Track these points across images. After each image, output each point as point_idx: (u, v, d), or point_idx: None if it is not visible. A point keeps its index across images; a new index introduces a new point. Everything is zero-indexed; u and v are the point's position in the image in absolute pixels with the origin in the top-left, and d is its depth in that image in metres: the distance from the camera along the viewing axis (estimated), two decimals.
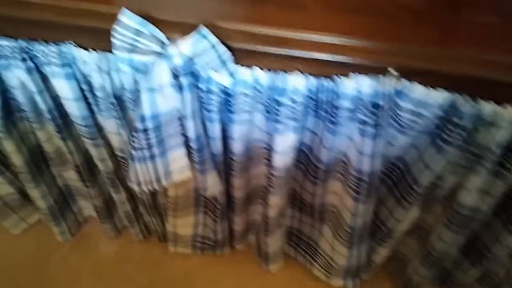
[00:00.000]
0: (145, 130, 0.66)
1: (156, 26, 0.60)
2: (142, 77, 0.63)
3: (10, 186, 1.04)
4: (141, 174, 0.72)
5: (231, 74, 0.63)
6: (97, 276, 1.12)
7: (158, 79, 0.62)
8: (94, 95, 0.72)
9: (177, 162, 0.74)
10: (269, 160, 0.77)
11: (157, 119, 0.66)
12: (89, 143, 0.81)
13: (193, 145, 0.72)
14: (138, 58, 0.62)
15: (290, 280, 1.13)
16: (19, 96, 0.74)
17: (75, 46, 0.66)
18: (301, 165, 0.80)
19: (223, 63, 0.62)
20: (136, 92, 0.67)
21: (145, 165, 0.71)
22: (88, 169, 0.92)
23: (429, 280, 0.96)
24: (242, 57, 0.62)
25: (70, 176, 0.97)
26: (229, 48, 0.61)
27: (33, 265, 1.13)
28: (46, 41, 0.66)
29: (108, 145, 0.84)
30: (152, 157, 0.70)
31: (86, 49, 0.66)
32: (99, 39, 0.65)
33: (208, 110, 0.68)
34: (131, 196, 0.99)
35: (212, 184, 0.81)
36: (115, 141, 0.81)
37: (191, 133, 0.70)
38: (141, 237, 1.15)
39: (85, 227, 1.21)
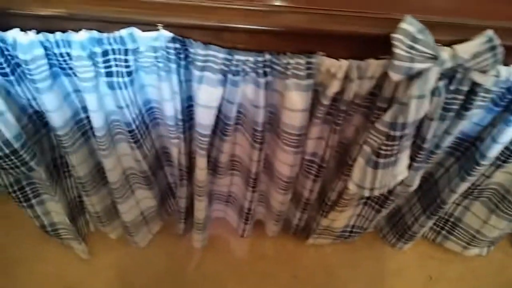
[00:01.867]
0: (401, 137, 0.65)
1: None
2: (413, 84, 0.61)
3: (154, 200, 0.97)
4: (378, 181, 0.70)
5: (496, 74, 0.62)
6: (239, 278, 1.10)
7: (429, 85, 0.60)
8: (321, 104, 0.68)
9: (402, 164, 0.73)
10: None
11: (410, 125, 0.64)
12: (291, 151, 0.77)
13: (425, 145, 0.71)
14: (417, 66, 0.59)
15: (421, 256, 1.18)
16: (231, 111, 0.69)
17: (325, 56, 0.61)
18: None
19: (495, 63, 0.60)
20: (392, 99, 0.65)
21: (386, 171, 0.69)
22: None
23: None
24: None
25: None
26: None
27: (171, 276, 1.09)
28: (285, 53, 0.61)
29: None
30: (394, 162, 0.69)
31: (336, 59, 0.62)
32: (352, 47, 0.61)
33: (468, 109, 0.67)
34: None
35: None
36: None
37: (429, 135, 0.69)
38: (276, 233, 1.13)
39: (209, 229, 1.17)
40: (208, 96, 0.64)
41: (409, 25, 0.56)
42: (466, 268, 1.16)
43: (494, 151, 0.76)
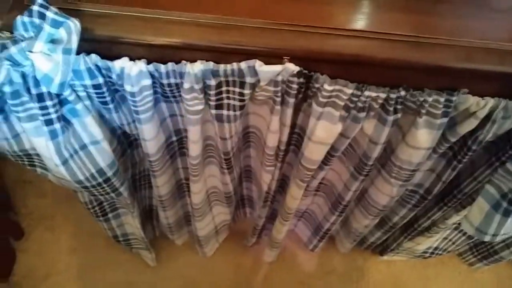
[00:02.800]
0: None
1: None
2: None
3: (229, 215, 0.92)
4: (504, 228, 0.63)
5: None
6: None
7: None
8: (446, 140, 0.60)
9: None
10: None
11: None
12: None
13: None
14: None
15: (499, 276, 1.11)
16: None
17: (469, 94, 0.53)
18: None
19: None
20: None
21: (508, 220, 0.62)
22: None
23: None
24: None
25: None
26: None
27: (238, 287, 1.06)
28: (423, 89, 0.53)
29: None
30: None
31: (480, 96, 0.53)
32: (501, 83, 0.52)
33: None
34: None
35: None
36: None
37: None
38: (349, 250, 1.07)
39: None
40: (325, 133, 0.57)
41: None
42: None
43: None
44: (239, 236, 1.09)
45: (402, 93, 0.53)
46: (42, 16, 0.44)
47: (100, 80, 0.52)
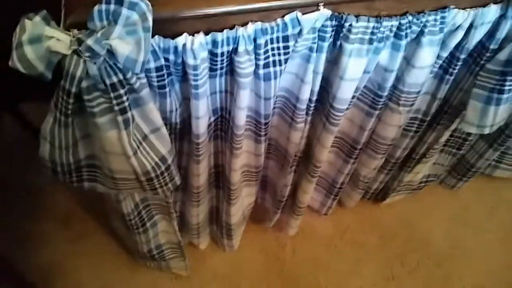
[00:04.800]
0: None
1: None
2: None
3: (254, 196, 0.97)
4: (498, 116, 0.77)
5: None
6: (333, 252, 1.13)
7: None
8: (439, 57, 0.73)
9: None
10: None
11: None
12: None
13: None
14: None
15: (476, 191, 1.28)
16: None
17: (456, 8, 0.66)
18: None
19: None
20: None
21: (506, 105, 0.76)
22: None
23: None
24: None
25: None
26: None
27: (272, 270, 1.09)
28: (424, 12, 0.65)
29: None
30: (510, 98, 0.76)
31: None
32: None
33: None
34: None
35: None
36: None
37: None
38: (356, 203, 1.17)
39: None
40: (355, 68, 0.66)
41: None
42: None
43: None
44: (255, 223, 1.14)
45: (410, 17, 0.64)
46: (119, 1, 0.47)
47: (162, 61, 0.56)
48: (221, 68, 0.62)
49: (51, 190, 1.15)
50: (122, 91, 0.53)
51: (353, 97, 0.74)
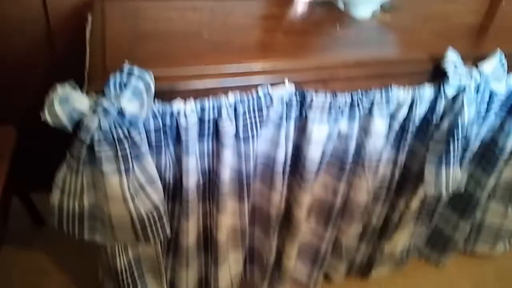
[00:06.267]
0: (460, 137, 0.86)
1: None
2: (462, 96, 0.83)
3: (241, 264, 1.03)
4: (451, 178, 0.89)
5: (506, 80, 0.89)
6: None
7: (472, 95, 0.84)
8: (392, 129, 0.88)
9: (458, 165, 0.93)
10: None
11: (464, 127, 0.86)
12: None
13: (469, 146, 0.93)
14: (463, 82, 0.82)
15: (460, 268, 1.33)
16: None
17: (396, 86, 0.83)
18: None
19: (504, 72, 0.87)
20: None
21: (455, 167, 0.89)
22: None
23: None
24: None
25: None
26: None
27: None
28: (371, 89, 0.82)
29: None
30: (457, 161, 0.89)
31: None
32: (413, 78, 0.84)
33: (488, 114, 0.91)
34: None
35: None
36: None
37: (473, 136, 0.92)
38: (342, 278, 1.21)
39: None
40: (319, 132, 0.80)
41: (452, 54, 0.81)
42: (499, 266, 1.34)
43: (510, 143, 1.00)
44: None
45: (360, 94, 0.81)
46: (130, 72, 0.64)
47: (160, 123, 0.70)
48: (208, 134, 0.76)
49: (49, 267, 1.20)
50: (126, 144, 0.66)
51: (322, 161, 0.87)
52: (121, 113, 0.64)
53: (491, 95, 0.91)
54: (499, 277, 1.31)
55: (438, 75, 0.84)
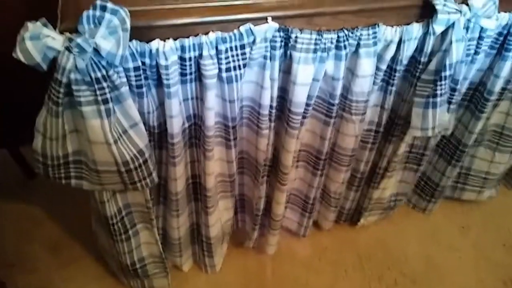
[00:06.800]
0: (447, 77, 0.85)
1: None
2: (451, 32, 0.81)
3: (232, 210, 1.04)
4: (437, 119, 0.89)
5: (497, 18, 0.87)
6: (313, 271, 1.17)
7: (462, 31, 0.82)
8: (379, 69, 0.87)
9: (446, 106, 0.92)
10: None
11: (453, 66, 0.85)
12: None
13: (457, 86, 0.92)
14: (452, 17, 0.80)
15: (448, 214, 1.35)
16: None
17: (383, 25, 0.81)
18: None
19: (494, 11, 0.85)
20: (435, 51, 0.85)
21: (442, 109, 0.88)
22: None
23: None
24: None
25: None
26: None
27: None
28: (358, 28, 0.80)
29: None
30: (445, 101, 0.88)
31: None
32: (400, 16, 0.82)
33: (477, 53, 0.90)
34: None
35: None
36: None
37: (461, 76, 0.90)
38: (331, 224, 1.23)
39: None
40: (305, 73, 0.79)
41: None
42: (485, 211, 1.36)
43: (498, 85, 0.99)
44: (237, 247, 1.19)
45: (346, 32, 0.78)
46: (103, 8, 0.61)
47: (139, 63, 0.68)
48: (190, 74, 0.74)
49: (41, 218, 1.21)
50: (104, 85, 0.64)
51: (309, 104, 0.86)
52: (97, 51, 0.61)
53: (480, 34, 0.89)
54: (485, 223, 1.34)
55: (427, 12, 0.81)
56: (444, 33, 0.83)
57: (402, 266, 1.21)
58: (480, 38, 0.89)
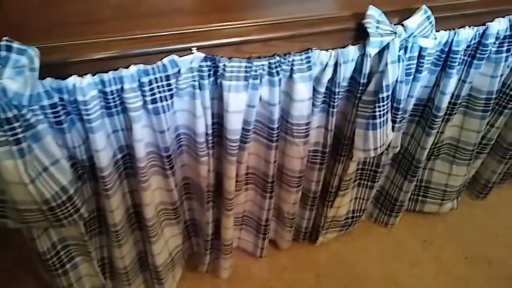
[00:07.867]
0: (387, 97, 0.83)
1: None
2: (386, 55, 0.80)
3: (180, 237, 1.01)
4: (378, 140, 0.87)
5: (435, 38, 0.86)
6: None
7: (396, 53, 0.81)
8: (318, 93, 0.85)
9: (389, 125, 0.91)
10: None
11: (390, 86, 0.84)
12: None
13: (400, 105, 0.90)
14: (385, 39, 0.79)
15: (410, 227, 1.34)
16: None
17: (317, 49, 0.79)
18: None
19: (432, 29, 0.84)
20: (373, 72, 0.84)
21: (383, 130, 0.87)
22: None
23: None
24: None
25: None
26: None
27: None
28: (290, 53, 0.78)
29: None
30: (386, 121, 0.87)
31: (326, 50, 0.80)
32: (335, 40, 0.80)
33: (420, 72, 0.89)
34: None
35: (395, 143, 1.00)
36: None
37: (402, 96, 0.89)
38: (289, 244, 1.22)
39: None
40: (237, 102, 0.77)
41: (373, 11, 0.77)
42: (448, 223, 1.36)
43: (445, 102, 0.99)
44: (191, 271, 1.16)
45: (277, 58, 0.77)
46: (9, 48, 0.58)
47: (56, 99, 0.66)
48: (115, 106, 0.72)
49: None
50: (16, 124, 0.62)
51: (247, 130, 0.84)
52: (4, 91, 0.59)
53: (420, 53, 0.88)
54: (448, 235, 1.33)
55: (362, 34, 0.80)
56: (380, 54, 0.82)
57: (362, 284, 1.19)
58: (421, 57, 0.88)
